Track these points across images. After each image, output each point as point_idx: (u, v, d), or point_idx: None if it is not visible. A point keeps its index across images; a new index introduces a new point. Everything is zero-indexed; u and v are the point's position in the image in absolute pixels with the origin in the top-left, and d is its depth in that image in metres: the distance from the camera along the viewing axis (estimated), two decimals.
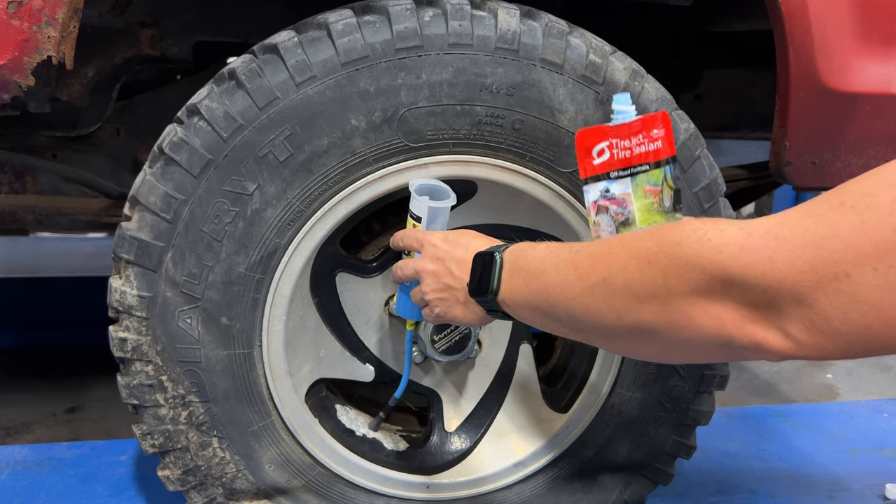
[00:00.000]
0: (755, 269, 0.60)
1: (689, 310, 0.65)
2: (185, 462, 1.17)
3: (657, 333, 0.69)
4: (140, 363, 1.11)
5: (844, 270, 0.57)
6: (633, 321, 0.70)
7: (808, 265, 0.58)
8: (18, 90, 1.03)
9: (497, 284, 0.87)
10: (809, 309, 0.59)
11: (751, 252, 0.61)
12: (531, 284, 0.83)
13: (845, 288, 0.57)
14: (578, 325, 0.78)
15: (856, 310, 0.57)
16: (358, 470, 1.25)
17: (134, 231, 1.07)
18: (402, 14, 1.06)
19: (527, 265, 0.85)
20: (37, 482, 1.48)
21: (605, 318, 0.73)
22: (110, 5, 1.33)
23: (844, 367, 2.60)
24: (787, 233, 0.60)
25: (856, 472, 1.66)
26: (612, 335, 0.75)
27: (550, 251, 0.83)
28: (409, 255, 1.07)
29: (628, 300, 0.70)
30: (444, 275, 0.96)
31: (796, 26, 1.17)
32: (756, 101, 1.76)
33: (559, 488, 1.32)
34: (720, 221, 0.66)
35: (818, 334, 0.59)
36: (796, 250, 0.59)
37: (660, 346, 0.72)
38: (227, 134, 1.05)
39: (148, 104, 1.62)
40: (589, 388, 1.29)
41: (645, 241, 0.70)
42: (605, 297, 0.72)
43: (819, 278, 0.58)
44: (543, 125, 1.11)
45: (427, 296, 0.99)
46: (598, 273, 0.73)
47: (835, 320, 0.58)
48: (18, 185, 1.62)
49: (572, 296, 0.76)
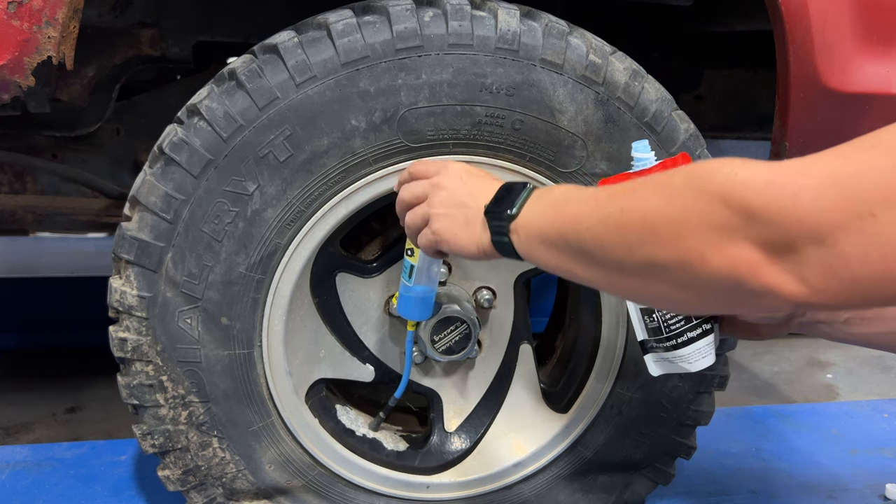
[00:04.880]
0: (778, 204, 0.58)
1: (703, 247, 0.63)
2: (185, 462, 1.17)
3: (667, 272, 0.67)
4: (140, 363, 1.11)
5: (870, 210, 0.55)
6: (644, 256, 0.68)
7: (832, 203, 0.56)
8: (18, 90, 1.03)
9: (518, 208, 0.83)
10: (828, 250, 0.57)
11: (776, 188, 0.59)
12: (548, 214, 0.80)
13: (868, 228, 0.55)
14: (587, 259, 0.75)
15: (877, 252, 0.55)
16: (358, 470, 1.25)
17: (134, 231, 1.07)
18: (402, 14, 1.06)
19: (551, 197, 0.82)
20: (37, 482, 1.48)
21: (616, 251, 0.71)
22: (110, 5, 1.33)
23: (844, 367, 2.60)
24: (814, 171, 0.58)
25: (856, 472, 1.66)
26: (620, 271, 0.72)
27: (579, 187, 0.81)
28: (411, 256, 1.07)
29: (643, 232, 0.68)
30: (463, 193, 0.92)
31: (796, 26, 1.17)
32: (756, 101, 1.76)
33: (559, 488, 1.32)
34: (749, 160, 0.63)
35: (833, 278, 0.57)
36: (822, 188, 0.57)
37: (667, 288, 0.69)
38: (228, 134, 1.05)
39: (148, 104, 1.62)
40: (589, 388, 1.29)
41: (672, 175, 0.68)
42: (619, 228, 0.70)
43: (842, 217, 0.56)
44: (543, 125, 1.11)
45: (433, 208, 0.92)
46: (617, 203, 0.71)
47: (853, 263, 0.56)
48: (18, 185, 1.62)
49: (587, 226, 0.74)
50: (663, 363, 1.05)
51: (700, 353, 1.02)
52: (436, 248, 0.94)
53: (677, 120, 1.17)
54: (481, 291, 1.28)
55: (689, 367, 1.02)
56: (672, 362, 1.04)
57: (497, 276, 1.28)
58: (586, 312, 1.31)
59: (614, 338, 1.26)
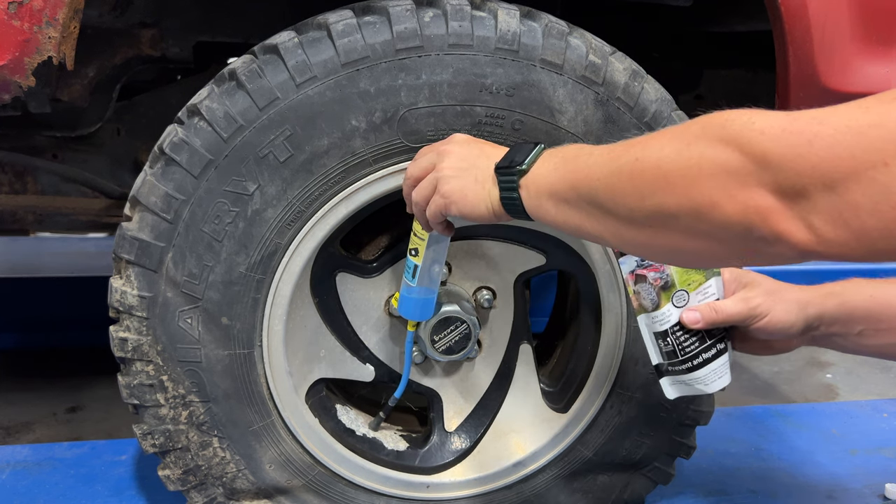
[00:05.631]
0: (793, 150, 0.58)
1: (715, 193, 0.63)
2: (185, 462, 1.17)
3: (677, 220, 0.67)
4: (140, 363, 1.11)
5: (883, 159, 0.55)
6: (655, 204, 0.68)
7: (846, 151, 0.56)
8: (19, 90, 1.03)
9: (529, 163, 0.84)
10: (839, 198, 0.57)
11: (792, 134, 0.59)
12: (560, 169, 0.80)
13: (881, 177, 0.55)
14: (598, 211, 0.75)
15: (888, 201, 0.55)
16: (358, 470, 1.25)
17: (134, 231, 1.07)
18: (403, 15, 1.06)
19: (564, 152, 0.83)
20: (37, 482, 1.48)
21: (628, 199, 0.71)
22: (111, 6, 1.33)
23: (844, 367, 2.60)
24: (832, 119, 0.58)
25: (856, 472, 1.67)
26: (630, 222, 0.72)
27: (592, 145, 0.81)
28: (415, 256, 1.07)
29: (656, 180, 0.68)
30: (472, 155, 0.92)
31: (796, 26, 1.17)
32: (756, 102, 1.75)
33: (559, 488, 1.32)
34: (767, 111, 0.64)
35: (843, 227, 0.58)
36: (838, 135, 0.57)
37: (677, 237, 0.69)
38: (228, 134, 1.05)
39: (148, 104, 1.62)
40: (589, 387, 1.29)
41: (689, 125, 0.68)
42: (631, 176, 0.70)
43: (856, 165, 0.56)
44: (543, 125, 1.11)
45: (441, 172, 0.92)
46: (631, 153, 0.71)
47: (863, 211, 0.56)
48: (19, 185, 1.62)
49: (598, 176, 0.74)
50: (680, 386, 1.04)
51: (716, 373, 1.02)
52: (445, 212, 0.92)
53: (677, 120, 1.17)
54: (481, 291, 1.28)
55: (705, 388, 1.02)
56: (689, 385, 1.03)
57: (497, 276, 1.28)
58: (586, 312, 1.31)
59: (614, 337, 1.26)
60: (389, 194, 1.12)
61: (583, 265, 1.25)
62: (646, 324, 1.04)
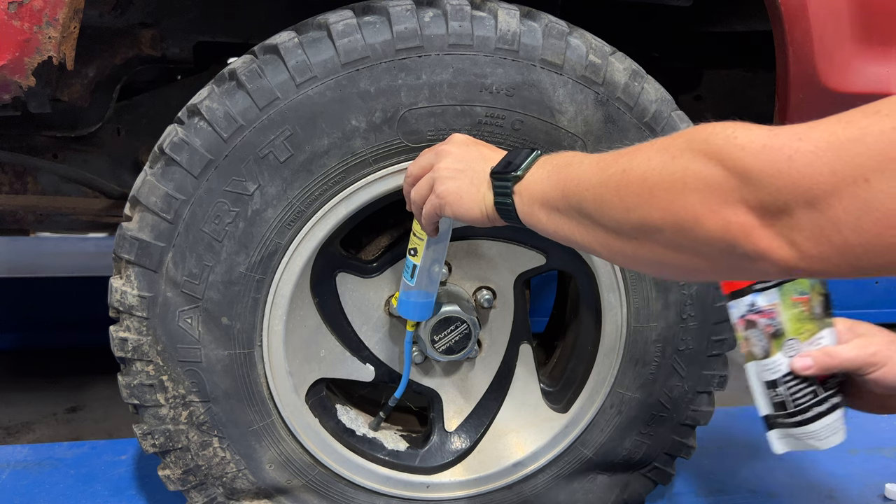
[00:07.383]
0: (773, 166, 0.58)
1: (697, 208, 0.63)
2: (185, 462, 1.17)
3: (661, 234, 0.67)
4: (141, 363, 1.11)
5: (864, 175, 0.54)
6: (640, 216, 0.68)
7: (827, 167, 0.56)
8: (19, 90, 1.03)
9: (524, 169, 0.84)
10: (821, 214, 0.56)
11: (773, 150, 0.59)
12: (552, 177, 0.81)
13: (862, 193, 0.54)
14: (586, 221, 0.76)
15: (869, 217, 0.55)
16: (358, 470, 1.25)
17: (134, 231, 1.07)
18: (403, 15, 1.06)
19: (556, 160, 0.83)
20: (37, 482, 1.48)
21: (614, 211, 0.71)
22: (111, 6, 1.33)
23: None
24: (813, 135, 0.58)
25: (856, 471, 1.66)
26: (617, 233, 0.73)
27: (585, 153, 0.82)
28: (414, 256, 1.07)
29: (641, 192, 0.68)
30: (470, 157, 0.93)
31: (795, 27, 1.17)
32: (756, 102, 1.76)
33: (559, 488, 1.32)
34: (752, 125, 0.63)
35: (825, 243, 0.57)
36: (818, 151, 0.57)
37: (662, 251, 0.69)
38: (228, 134, 1.05)
39: (148, 104, 1.62)
40: (589, 388, 1.29)
41: (675, 137, 0.69)
42: (618, 188, 0.71)
43: (836, 181, 0.55)
44: (543, 126, 1.11)
45: (438, 172, 0.93)
46: (619, 164, 0.72)
47: (845, 228, 0.56)
48: (19, 185, 1.62)
49: (587, 186, 0.75)
50: (789, 440, 0.99)
51: (829, 428, 0.96)
52: (440, 212, 0.93)
53: (677, 120, 1.17)
54: (481, 291, 1.28)
55: (818, 444, 0.96)
56: (799, 439, 0.97)
57: (497, 276, 1.28)
58: (586, 312, 1.31)
59: (614, 337, 1.26)
60: (389, 194, 1.12)
61: (583, 265, 1.25)
62: (755, 372, 0.99)
